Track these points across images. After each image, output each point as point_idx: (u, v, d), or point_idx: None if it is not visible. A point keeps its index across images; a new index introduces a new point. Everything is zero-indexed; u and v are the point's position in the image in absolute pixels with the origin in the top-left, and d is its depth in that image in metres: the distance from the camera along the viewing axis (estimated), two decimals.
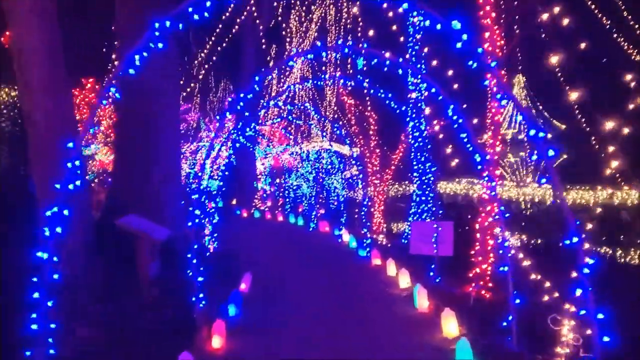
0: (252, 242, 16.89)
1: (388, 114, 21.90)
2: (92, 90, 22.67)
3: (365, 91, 19.92)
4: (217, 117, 36.71)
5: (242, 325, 8.51)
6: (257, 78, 8.00)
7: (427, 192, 15.28)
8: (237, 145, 33.64)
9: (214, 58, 25.00)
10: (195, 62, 27.70)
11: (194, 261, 7.33)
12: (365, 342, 7.72)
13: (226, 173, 19.75)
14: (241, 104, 8.28)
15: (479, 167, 7.13)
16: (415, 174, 15.43)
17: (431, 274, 10.89)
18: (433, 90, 6.86)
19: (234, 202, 31.04)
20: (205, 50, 25.94)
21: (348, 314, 9.08)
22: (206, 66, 27.18)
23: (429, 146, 13.58)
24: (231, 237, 17.84)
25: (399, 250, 14.80)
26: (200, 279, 7.33)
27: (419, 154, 15.32)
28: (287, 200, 25.72)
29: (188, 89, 27.44)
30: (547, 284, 8.29)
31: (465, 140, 7.30)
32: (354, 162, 17.17)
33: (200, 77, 30.01)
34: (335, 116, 27.59)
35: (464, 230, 12.76)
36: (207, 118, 39.85)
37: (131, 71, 5.25)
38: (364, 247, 14.16)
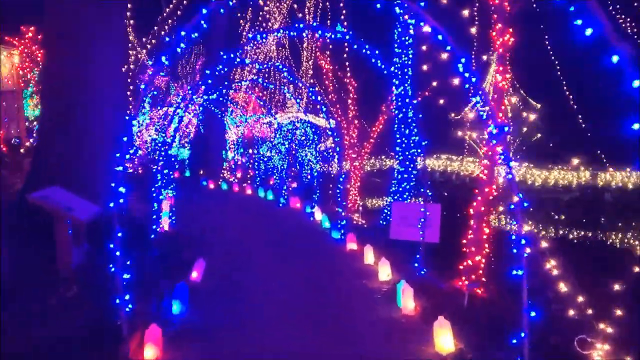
0: (214, 219, 15.20)
1: (369, 81, 20.26)
2: (33, 40, 20.23)
3: (345, 54, 18.20)
4: (187, 84, 34.61)
5: (186, 328, 6.89)
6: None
7: (410, 169, 13.71)
8: (200, 112, 31.79)
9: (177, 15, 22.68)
10: (160, 19, 25.38)
11: (117, 253, 5.58)
12: (337, 357, 6.20)
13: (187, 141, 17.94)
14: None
15: (493, 141, 5.49)
16: (398, 148, 13.82)
17: (415, 264, 9.37)
18: (440, 37, 5.20)
19: (201, 172, 29.21)
20: (176, 9, 23.70)
21: (318, 314, 7.53)
22: (169, 22, 24.80)
23: (420, 116, 11.90)
24: (192, 212, 16.16)
25: (376, 233, 13.29)
26: (126, 275, 5.61)
27: (403, 125, 13.68)
28: (258, 172, 23.91)
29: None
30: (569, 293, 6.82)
31: (480, 105, 5.67)
32: (330, 133, 15.41)
33: (168, 39, 27.77)
34: (312, 81, 25.76)
35: (454, 215, 11.27)
36: (177, 82, 37.81)
37: None
38: (338, 228, 12.60)
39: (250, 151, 27.59)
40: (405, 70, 13.85)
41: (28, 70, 19.93)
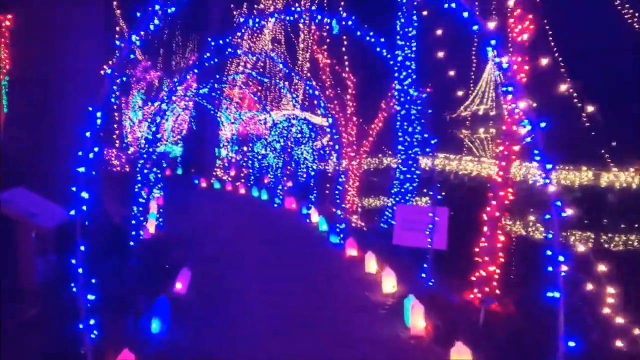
0: (205, 221, 14.34)
1: (367, 77, 19.40)
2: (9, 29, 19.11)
3: (344, 47, 17.33)
4: (176, 79, 33.69)
5: (166, 350, 6.04)
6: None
7: (413, 169, 12.89)
8: (192, 107, 30.84)
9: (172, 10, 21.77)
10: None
11: (80, 270, 4.69)
12: None
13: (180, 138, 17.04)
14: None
15: (531, 137, 4.61)
16: (400, 147, 12.98)
17: (423, 275, 8.53)
18: (465, 14, 4.35)
19: (192, 170, 28.31)
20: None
21: (316, 333, 6.68)
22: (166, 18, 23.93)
23: (429, 111, 11.03)
24: (181, 213, 15.31)
25: (378, 237, 12.45)
26: (90, 296, 4.71)
27: (405, 123, 12.85)
28: (252, 170, 22.98)
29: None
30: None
31: (510, 93, 4.79)
32: (328, 130, 14.50)
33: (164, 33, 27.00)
34: (308, 76, 24.88)
35: (465, 219, 10.41)
36: (170, 78, 36.92)
37: None
38: (337, 232, 11.75)
39: (245, 149, 26.70)
40: (408, 63, 13.02)
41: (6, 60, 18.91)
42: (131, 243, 8.55)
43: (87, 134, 4.79)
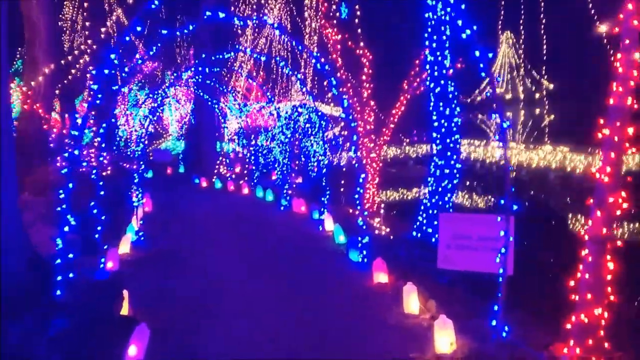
0: (192, 235, 11.77)
1: (387, 51, 16.66)
2: None
3: (357, 18, 14.58)
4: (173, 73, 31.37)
5: None
6: None
7: (452, 162, 10.15)
8: (187, 100, 28.18)
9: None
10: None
11: None
12: None
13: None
14: None
15: None
16: (435, 134, 10.20)
17: (493, 322, 5.80)
18: None
19: (184, 169, 25.89)
20: None
21: None
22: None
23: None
24: (167, 223, 12.78)
25: (409, 251, 9.77)
26: None
27: (441, 104, 10.09)
28: (256, 166, 20.18)
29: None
30: None
31: None
32: (343, 116, 11.63)
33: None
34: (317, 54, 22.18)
35: (553, 236, 7.68)
36: (169, 70, 34.61)
37: None
38: (358, 246, 9.03)
39: (254, 142, 24.01)
40: (443, 28, 10.25)
41: None
42: (57, 293, 5.76)
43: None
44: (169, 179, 23.78)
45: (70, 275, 6.02)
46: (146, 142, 30.31)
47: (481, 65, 5.69)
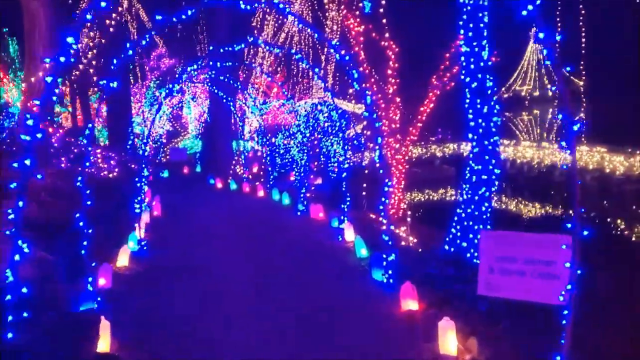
0: (200, 244, 10.74)
1: (414, 43, 15.44)
2: None
3: (382, 8, 13.38)
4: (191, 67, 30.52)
5: None
6: None
7: (490, 167, 8.90)
8: (206, 97, 27.13)
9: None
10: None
11: None
12: None
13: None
14: None
15: None
16: (471, 135, 8.96)
17: None
18: None
19: (199, 169, 25.01)
20: None
21: None
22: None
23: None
24: (174, 230, 11.82)
25: (440, 266, 8.57)
26: None
27: (478, 100, 8.85)
28: (273, 167, 19.08)
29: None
30: None
31: None
32: (366, 113, 10.37)
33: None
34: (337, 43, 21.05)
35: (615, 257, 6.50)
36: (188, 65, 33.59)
37: None
38: (383, 264, 7.85)
39: (273, 140, 22.96)
40: (481, 15, 9.01)
41: None
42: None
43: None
44: (184, 179, 22.91)
45: (25, 314, 4.87)
46: (164, 140, 29.50)
47: (545, 52, 4.46)
